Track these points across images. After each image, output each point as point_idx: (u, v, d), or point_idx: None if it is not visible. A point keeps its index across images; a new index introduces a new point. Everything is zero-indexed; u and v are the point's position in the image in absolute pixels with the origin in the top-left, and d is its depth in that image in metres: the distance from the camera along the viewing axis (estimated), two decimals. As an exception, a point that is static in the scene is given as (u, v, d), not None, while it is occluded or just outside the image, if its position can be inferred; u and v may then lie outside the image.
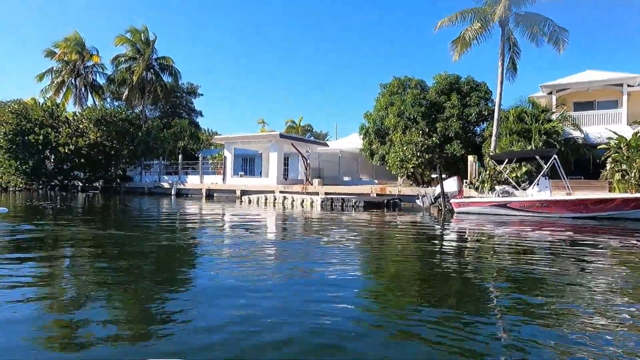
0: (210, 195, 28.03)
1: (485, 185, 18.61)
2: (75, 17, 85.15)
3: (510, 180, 16.25)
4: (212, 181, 29.29)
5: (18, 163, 30.50)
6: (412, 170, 21.68)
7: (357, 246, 8.17)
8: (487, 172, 18.74)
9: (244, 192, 26.49)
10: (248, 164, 35.88)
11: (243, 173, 30.57)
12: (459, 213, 14.95)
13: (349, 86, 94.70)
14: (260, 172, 32.81)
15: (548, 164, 14.29)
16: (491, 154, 19.61)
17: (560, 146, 19.81)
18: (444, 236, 10.28)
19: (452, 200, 15.47)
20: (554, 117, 21.72)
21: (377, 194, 21.76)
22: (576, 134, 21.83)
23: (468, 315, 3.83)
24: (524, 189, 15.32)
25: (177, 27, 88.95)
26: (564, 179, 14.28)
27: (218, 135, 29.84)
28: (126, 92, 37.31)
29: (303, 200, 19.40)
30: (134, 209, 17.61)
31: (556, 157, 14.15)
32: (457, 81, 24.12)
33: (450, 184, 16.08)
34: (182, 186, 30.07)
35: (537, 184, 14.35)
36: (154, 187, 31.57)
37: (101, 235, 8.89)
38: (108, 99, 41.09)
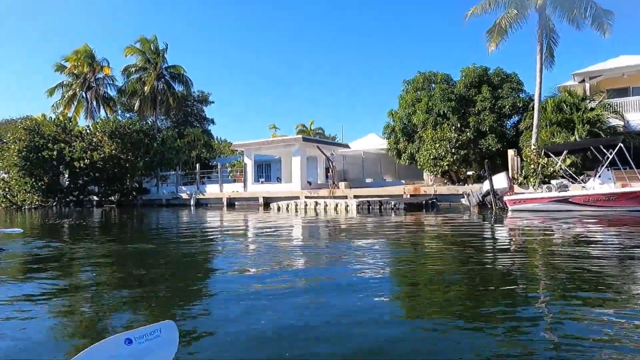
0: (231, 204, 27.13)
1: (531, 179, 17.59)
2: (83, 30, 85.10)
3: (569, 172, 15.17)
4: (232, 189, 28.38)
5: (33, 180, 29.78)
6: (446, 167, 20.63)
7: (431, 252, 7.18)
8: (532, 166, 17.71)
9: (267, 199, 25.58)
10: (264, 170, 35.02)
11: (264, 180, 29.65)
12: (515, 211, 13.89)
13: (356, 88, 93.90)
14: (277, 178, 31.92)
15: (612, 153, 13.18)
16: (533, 146, 18.58)
17: (606, 135, 18.74)
18: (516, 239, 9.23)
19: (506, 198, 14.40)
20: (591, 105, 20.65)
21: (411, 195, 20.76)
22: (616, 122, 20.69)
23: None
24: (580, 182, 14.26)
25: (183, 35, 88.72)
26: (634, 168, 13.20)
27: (237, 142, 28.88)
28: (137, 103, 36.62)
29: (337, 205, 18.42)
30: (162, 223, 16.70)
31: (622, 145, 13.08)
32: (485, 73, 23.14)
33: (500, 181, 15.03)
34: (201, 196, 29.19)
35: (599, 176, 13.27)
36: (172, 199, 30.72)
37: (128, 252, 7.97)
38: (119, 111, 40.44)
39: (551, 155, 14.87)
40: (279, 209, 19.96)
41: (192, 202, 28.64)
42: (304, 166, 25.78)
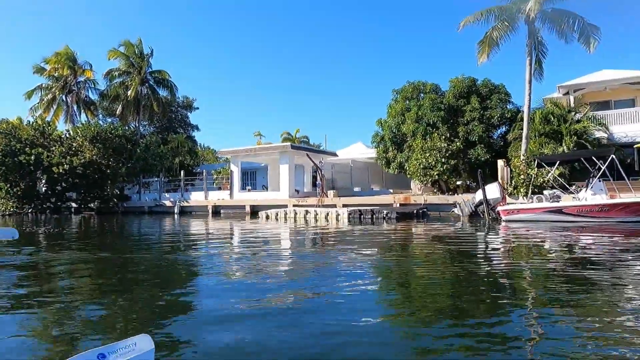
0: (216, 212, 26.52)
1: (521, 190, 17.65)
2: (65, 33, 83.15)
3: (561, 183, 15.25)
4: (218, 197, 27.78)
5: (9, 186, 28.56)
6: (436, 177, 20.59)
7: (426, 262, 6.94)
8: (522, 177, 17.79)
9: (254, 208, 25.10)
10: (249, 177, 34.49)
11: (250, 187, 29.15)
12: (508, 221, 13.84)
13: (341, 96, 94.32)
14: (263, 186, 31.46)
15: (604, 165, 13.30)
16: (522, 156, 18.70)
17: (592, 146, 19.03)
18: (512, 249, 9.09)
19: (499, 208, 14.35)
20: (577, 117, 21.00)
21: (401, 204, 20.61)
22: (599, 134, 21.08)
23: None
24: (572, 193, 14.34)
25: (166, 39, 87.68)
26: (626, 179, 13.33)
27: (224, 149, 28.35)
28: (120, 108, 35.74)
29: (328, 214, 18.11)
30: (144, 231, 16.07)
31: (614, 157, 13.19)
32: (474, 84, 23.35)
33: (492, 191, 14.99)
34: (185, 204, 28.48)
35: (591, 187, 13.35)
36: (155, 206, 29.89)
37: (105, 261, 7.50)
38: (100, 116, 39.36)
39: (544, 165, 14.94)
40: (267, 217, 19.53)
41: (176, 210, 27.90)
42: (292, 174, 25.43)
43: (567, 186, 15.13)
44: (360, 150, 33.34)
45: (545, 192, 14.49)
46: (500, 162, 19.05)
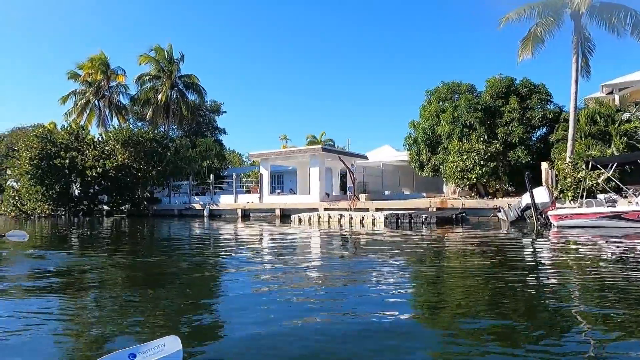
0: (246, 215, 26.37)
1: (568, 194, 16.73)
2: (96, 37, 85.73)
3: (618, 186, 14.31)
4: (247, 200, 27.65)
5: (44, 189, 29.19)
6: (474, 180, 19.81)
7: (479, 273, 6.35)
8: (568, 180, 16.86)
9: (283, 211, 24.83)
10: (276, 181, 34.30)
11: (280, 191, 28.91)
12: (560, 227, 13.02)
13: (365, 100, 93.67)
14: (290, 190, 31.20)
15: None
16: (569, 158, 17.76)
17: (645, 148, 17.92)
18: (570, 258, 8.36)
19: (550, 213, 13.52)
20: (624, 117, 19.87)
21: (437, 208, 19.92)
22: (649, 134, 19.87)
23: None
24: (629, 196, 13.40)
25: (192, 44, 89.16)
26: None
27: (254, 152, 28.24)
28: (150, 112, 36.21)
29: (363, 218, 17.59)
30: (175, 234, 15.92)
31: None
32: (512, 84, 22.47)
33: (541, 195, 14.17)
34: (215, 207, 28.47)
35: (652, 191, 12.41)
36: (185, 209, 30.00)
37: (138, 264, 7.21)
38: (130, 120, 40.00)
39: (599, 167, 14.03)
40: (300, 221, 19.15)
41: (205, 213, 27.89)
42: (322, 177, 25.04)
43: (622, 189, 14.17)
44: (388, 154, 32.73)
45: (599, 196, 13.57)
46: (545, 165, 18.15)
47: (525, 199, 14.58)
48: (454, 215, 17.48)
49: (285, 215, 24.65)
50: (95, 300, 4.84)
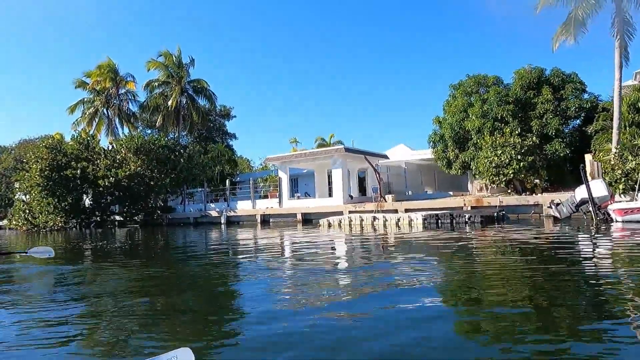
0: (265, 221, 25.39)
1: (619, 186, 15.66)
2: (100, 45, 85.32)
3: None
4: (266, 205, 26.67)
5: (56, 200, 28.30)
6: (511, 176, 18.75)
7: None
8: (618, 171, 15.80)
9: (305, 216, 23.85)
10: (291, 185, 33.34)
11: (300, 195, 27.91)
12: (626, 222, 11.96)
13: (373, 100, 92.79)
14: (305, 193, 30.20)
15: None
16: (615, 149, 16.70)
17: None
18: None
19: (614, 207, 12.47)
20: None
21: (472, 207, 18.87)
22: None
23: None
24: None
25: (198, 48, 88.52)
26: None
27: (271, 156, 27.29)
28: (160, 119, 35.38)
29: (399, 219, 16.58)
30: (194, 242, 14.91)
31: None
32: (542, 74, 21.46)
33: (599, 188, 13.10)
34: (232, 213, 27.51)
35: None
36: (200, 217, 29.05)
37: (158, 276, 6.23)
38: (140, 127, 39.14)
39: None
40: (329, 225, 18.14)
41: (222, 220, 26.94)
42: (346, 179, 24.06)
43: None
44: (404, 153, 31.72)
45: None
46: (589, 157, 17.07)
47: (580, 193, 13.51)
48: (495, 214, 16.46)
49: (307, 220, 23.67)
50: (109, 312, 4.63)
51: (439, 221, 15.70)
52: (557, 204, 14.40)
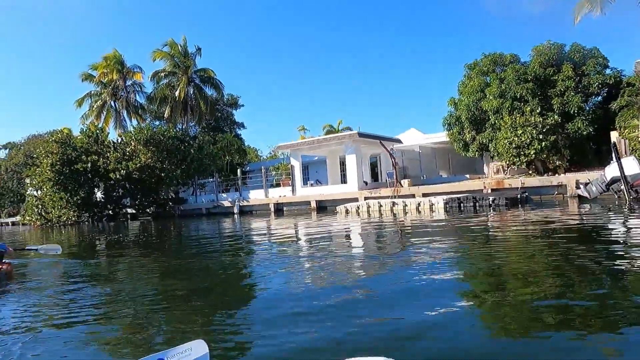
0: (279, 209, 25.12)
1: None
2: (104, 37, 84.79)
3: None
4: (279, 194, 26.37)
5: (68, 195, 28.21)
6: (533, 156, 18.20)
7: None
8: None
9: (320, 203, 23.53)
10: (303, 172, 32.96)
11: (313, 182, 27.54)
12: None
13: (378, 85, 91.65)
14: (317, 180, 29.81)
15: None
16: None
17: None
18: None
19: (650, 185, 11.97)
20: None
21: (493, 189, 18.40)
22: None
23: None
24: None
25: (204, 36, 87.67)
26: None
27: (283, 143, 26.90)
28: (168, 110, 35.01)
29: (419, 204, 16.17)
30: (212, 233, 14.63)
31: None
32: (561, 50, 20.70)
33: (631, 166, 12.55)
34: (245, 203, 27.26)
35: None
36: (213, 207, 28.85)
37: (175, 268, 5.90)
38: (148, 119, 38.81)
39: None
40: (347, 212, 17.79)
41: (235, 210, 26.72)
42: (359, 165, 23.62)
43: None
44: (417, 137, 31.13)
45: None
46: (615, 134, 16.47)
47: (611, 172, 12.98)
48: (518, 196, 15.99)
49: (322, 207, 23.35)
50: (123, 304, 4.59)
51: (462, 205, 15.27)
52: (586, 184, 13.88)
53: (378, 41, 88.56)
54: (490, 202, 14.73)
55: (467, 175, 24.21)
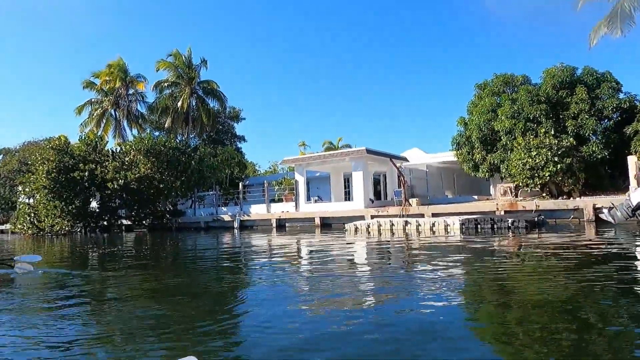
0: (281, 225, 24.38)
1: (669, 190, 14.65)
2: (104, 45, 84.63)
3: None
4: (281, 209, 25.67)
5: (63, 204, 27.29)
6: (547, 179, 17.78)
7: None
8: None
9: (324, 220, 22.86)
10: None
11: (316, 198, 26.91)
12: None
13: (378, 104, 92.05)
14: (319, 197, 29.19)
15: None
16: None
17: None
18: None
19: (681, 211, 11.53)
20: None
21: (506, 211, 17.90)
22: None
23: None
24: None
25: (207, 49, 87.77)
26: None
27: (288, 157, 26.35)
28: (169, 120, 34.49)
29: (434, 224, 15.59)
30: (213, 248, 13.91)
31: None
32: (574, 73, 20.57)
33: (657, 190, 12.16)
34: (245, 217, 26.50)
35: None
36: (212, 221, 28.03)
37: (169, 285, 5.25)
38: (148, 129, 38.23)
39: None
40: (356, 230, 17.14)
41: (235, 225, 25.91)
42: (367, 182, 23.08)
43: None
44: (419, 156, 30.79)
45: None
46: (633, 159, 16.13)
47: (636, 197, 12.56)
48: (535, 219, 15.48)
49: (326, 224, 22.68)
50: (115, 320, 4.58)
51: (478, 226, 14.71)
52: (610, 208, 13.42)
53: (381, 60, 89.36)
54: (509, 225, 14.18)
55: (476, 197, 23.74)
